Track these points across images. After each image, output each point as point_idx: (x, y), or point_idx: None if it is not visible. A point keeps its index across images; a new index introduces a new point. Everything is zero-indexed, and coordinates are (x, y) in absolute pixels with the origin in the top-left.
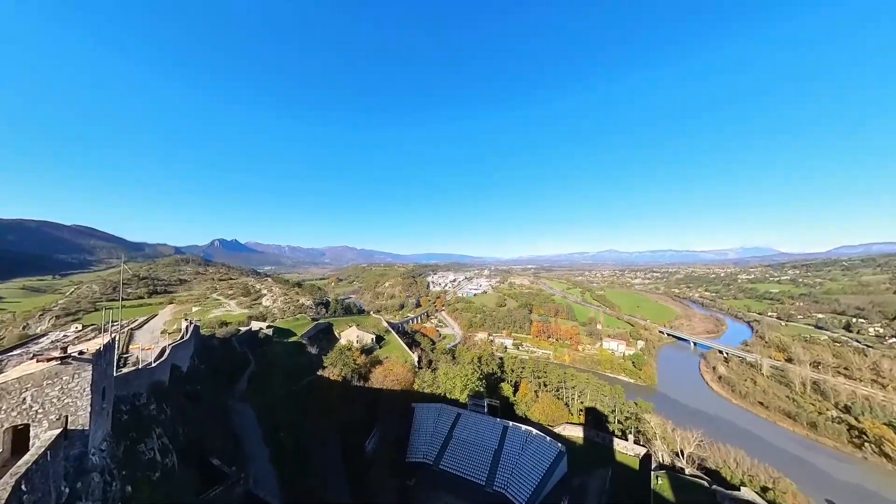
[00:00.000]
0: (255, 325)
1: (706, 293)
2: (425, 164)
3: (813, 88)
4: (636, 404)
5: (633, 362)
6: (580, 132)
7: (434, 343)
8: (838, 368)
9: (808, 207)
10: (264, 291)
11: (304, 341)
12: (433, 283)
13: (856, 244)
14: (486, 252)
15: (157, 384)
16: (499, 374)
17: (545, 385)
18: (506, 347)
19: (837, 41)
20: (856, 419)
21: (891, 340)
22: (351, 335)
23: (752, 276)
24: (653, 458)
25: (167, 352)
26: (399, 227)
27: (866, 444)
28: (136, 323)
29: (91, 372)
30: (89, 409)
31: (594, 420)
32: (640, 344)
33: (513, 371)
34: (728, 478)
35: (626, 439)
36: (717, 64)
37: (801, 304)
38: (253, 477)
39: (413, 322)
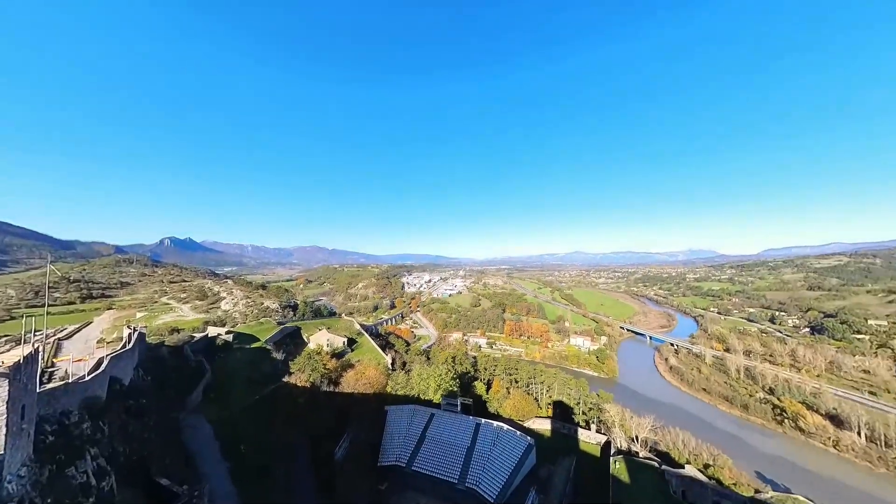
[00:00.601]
0: (212, 331)
1: (660, 291)
2: (402, 164)
3: (739, 104)
4: (598, 396)
5: (596, 357)
6: (550, 140)
7: (409, 344)
8: (765, 356)
9: (743, 214)
10: (223, 294)
11: (268, 347)
12: (408, 283)
13: (779, 247)
14: (461, 253)
15: (91, 400)
16: (472, 373)
17: (516, 382)
18: (480, 347)
19: (780, 50)
20: (778, 399)
21: (804, 330)
22: (321, 339)
23: (698, 275)
24: (612, 445)
25: (104, 363)
26: (373, 228)
27: (786, 420)
28: (66, 332)
29: (6, 388)
30: (4, 430)
31: (561, 412)
32: (604, 339)
33: (486, 369)
34: (676, 458)
35: (589, 429)
36: (674, 74)
37: (737, 300)
38: (209, 495)
39: (387, 324)
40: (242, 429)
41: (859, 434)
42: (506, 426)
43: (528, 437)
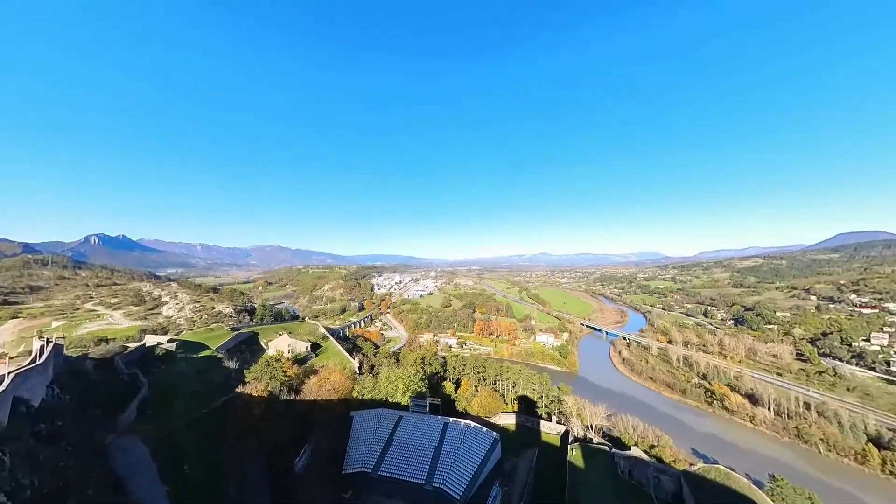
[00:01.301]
0: (150, 340)
1: (615, 290)
2: (374, 161)
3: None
4: (559, 389)
5: (559, 352)
6: (521, 147)
7: (377, 347)
8: (699, 346)
9: (683, 219)
10: (166, 299)
11: (220, 355)
12: (378, 285)
13: (711, 250)
14: (433, 254)
15: None
16: (442, 373)
17: (484, 379)
18: (450, 347)
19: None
20: (709, 383)
21: (730, 322)
22: (281, 344)
23: (647, 275)
24: (570, 434)
25: (6, 382)
26: (342, 228)
27: (715, 401)
28: None
29: None
30: None
31: (526, 407)
32: (566, 336)
33: (455, 369)
34: (626, 441)
35: (550, 420)
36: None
37: (678, 297)
38: None
39: (355, 326)
40: (186, 446)
41: (769, 409)
42: (473, 423)
43: (494, 433)
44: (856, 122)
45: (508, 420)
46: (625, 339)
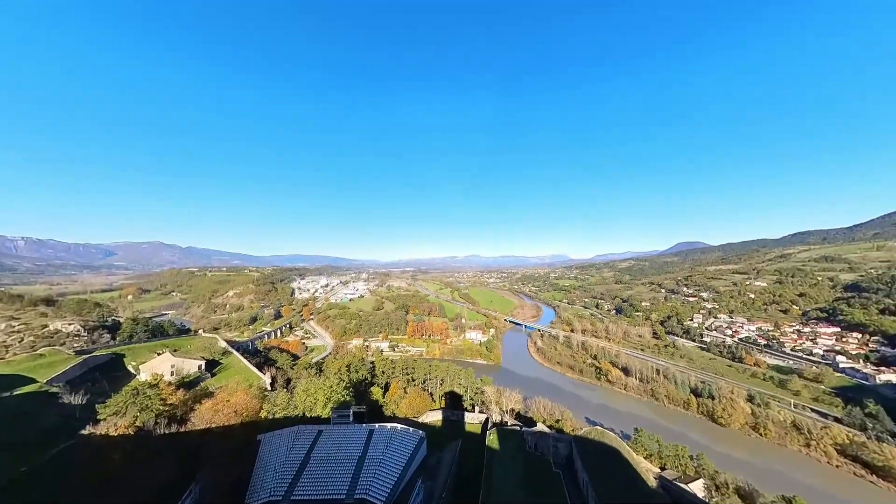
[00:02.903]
0: None
1: (533, 288)
2: (294, 154)
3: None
4: (481, 381)
5: (486, 347)
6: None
7: (297, 358)
8: (592, 332)
9: (581, 226)
10: None
11: (55, 388)
12: (300, 289)
13: (603, 253)
14: (365, 255)
15: None
16: (370, 379)
17: (413, 380)
18: (381, 351)
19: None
20: (598, 362)
21: (613, 311)
22: (160, 366)
23: (557, 275)
24: (490, 421)
25: None
26: (252, 224)
27: (602, 376)
28: None
29: None
30: None
31: (452, 401)
32: (492, 331)
33: (384, 373)
34: (536, 419)
35: (473, 411)
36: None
37: (579, 293)
38: None
39: (270, 337)
40: None
41: (636, 378)
42: (400, 426)
43: (421, 432)
44: (702, 158)
45: (436, 417)
46: (539, 330)
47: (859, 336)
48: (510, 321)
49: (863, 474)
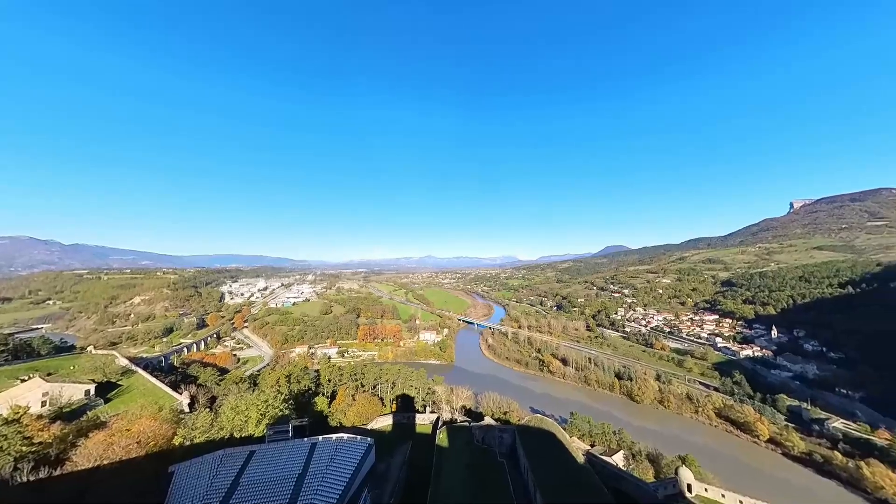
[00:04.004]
0: None
1: (485, 288)
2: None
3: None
4: (433, 381)
5: (440, 347)
6: (403, 153)
7: (226, 372)
8: (537, 328)
9: (529, 230)
10: None
11: None
12: (232, 293)
13: (546, 255)
14: (312, 255)
15: None
16: (313, 389)
17: (363, 386)
18: (329, 357)
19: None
20: (541, 355)
21: (554, 308)
22: (25, 396)
23: (507, 275)
24: (440, 420)
25: None
26: (171, 218)
27: (545, 368)
28: None
29: None
30: None
31: (404, 404)
32: (446, 331)
33: (330, 381)
34: (485, 413)
35: (425, 412)
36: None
37: (526, 291)
38: None
39: (191, 350)
40: None
41: (573, 367)
42: (347, 435)
43: (369, 439)
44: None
45: (386, 422)
46: (490, 328)
47: (730, 321)
48: (463, 320)
49: (731, 430)
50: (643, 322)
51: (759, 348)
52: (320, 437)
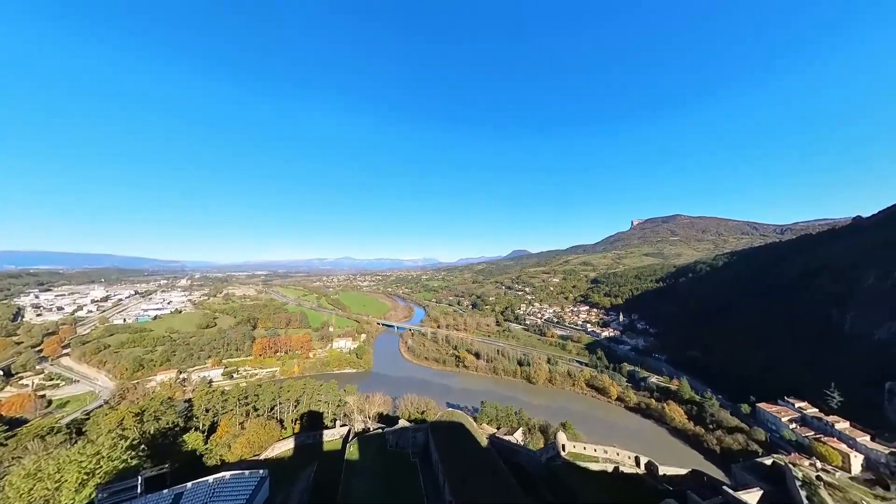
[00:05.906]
0: None
1: (406, 290)
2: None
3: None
4: (345, 391)
5: (356, 354)
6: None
7: (21, 424)
8: (455, 326)
9: (447, 233)
10: None
11: None
12: (40, 306)
13: (465, 257)
14: (190, 255)
15: None
16: (181, 425)
17: (256, 410)
18: (210, 381)
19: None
20: (458, 351)
21: (470, 307)
22: None
23: (428, 276)
24: (351, 432)
25: None
26: None
27: (461, 363)
28: None
29: None
30: None
31: (311, 422)
32: (363, 337)
33: (208, 411)
34: (402, 417)
35: (334, 427)
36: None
37: (445, 292)
38: None
39: None
40: None
41: (485, 360)
42: (230, 473)
43: (261, 471)
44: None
45: (286, 446)
46: (410, 330)
47: (596, 311)
48: (382, 324)
49: (596, 396)
50: (539, 315)
51: (612, 330)
52: (188, 484)
